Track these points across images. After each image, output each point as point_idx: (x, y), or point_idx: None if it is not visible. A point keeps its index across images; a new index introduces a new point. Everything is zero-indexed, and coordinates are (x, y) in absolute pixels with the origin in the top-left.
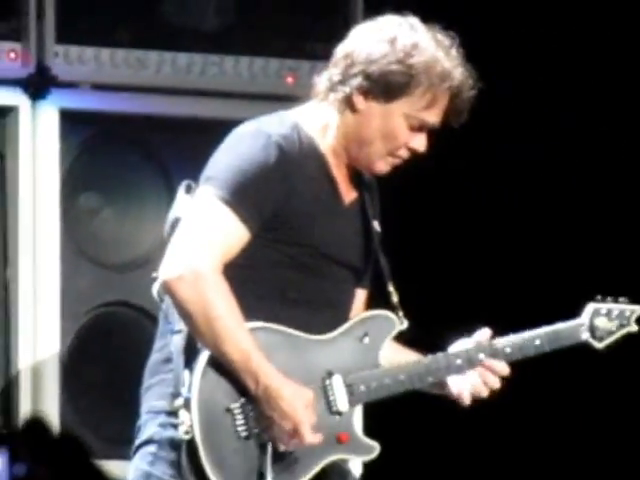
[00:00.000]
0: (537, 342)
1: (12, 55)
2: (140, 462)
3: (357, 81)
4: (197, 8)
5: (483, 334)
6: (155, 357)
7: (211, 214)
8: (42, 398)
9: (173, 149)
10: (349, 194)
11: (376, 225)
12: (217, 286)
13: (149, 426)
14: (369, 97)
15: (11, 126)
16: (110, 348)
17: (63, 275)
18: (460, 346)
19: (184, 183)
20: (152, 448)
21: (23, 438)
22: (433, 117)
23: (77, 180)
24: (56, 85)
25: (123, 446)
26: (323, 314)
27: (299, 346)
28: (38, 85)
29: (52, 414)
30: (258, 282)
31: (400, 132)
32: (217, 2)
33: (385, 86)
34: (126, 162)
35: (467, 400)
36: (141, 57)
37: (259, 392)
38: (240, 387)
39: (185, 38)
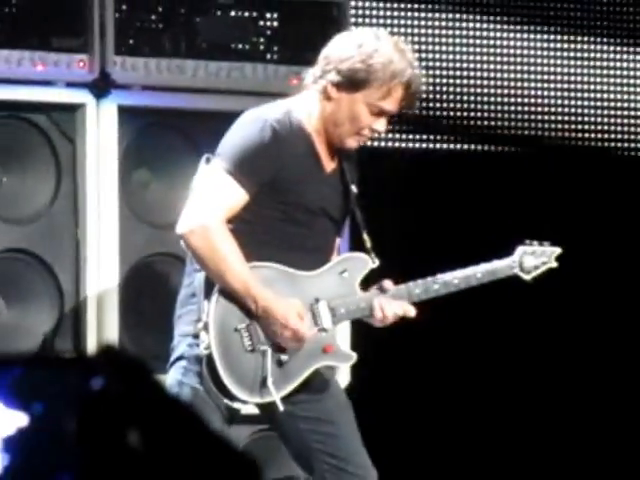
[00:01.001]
0: (479, 275)
1: (81, 64)
2: (174, 373)
3: (331, 76)
4: (224, 27)
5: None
6: (184, 292)
7: (216, 181)
8: (104, 327)
9: (205, 135)
10: (330, 164)
11: (353, 188)
12: (221, 235)
13: (180, 346)
14: (340, 89)
15: (80, 119)
16: (156, 288)
17: (121, 233)
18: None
19: (204, 156)
20: (183, 363)
21: (95, 359)
22: (389, 105)
23: (131, 160)
24: (115, 87)
25: (164, 363)
26: (312, 256)
27: (292, 280)
28: (101, 87)
29: (113, 340)
30: (260, 233)
31: (363, 117)
32: (239, 23)
33: (351, 80)
34: (169, 145)
35: (384, 321)
36: (180, 64)
37: (259, 312)
38: (245, 311)
39: (215, 50)
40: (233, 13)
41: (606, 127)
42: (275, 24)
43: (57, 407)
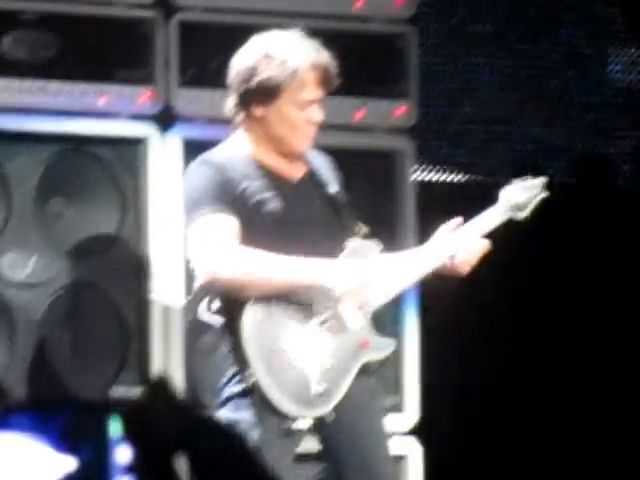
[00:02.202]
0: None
1: (146, 96)
2: (226, 413)
3: (246, 99)
4: None
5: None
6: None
7: (202, 230)
8: (170, 362)
9: None
10: (296, 173)
11: (333, 187)
12: (241, 257)
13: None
14: (260, 105)
15: (144, 152)
16: None
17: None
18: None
19: None
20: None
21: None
22: (311, 94)
23: None
24: (179, 119)
25: None
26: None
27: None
28: (165, 120)
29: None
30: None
31: (293, 115)
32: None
33: (264, 94)
34: None
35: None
36: None
37: (320, 289)
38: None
39: None
40: None
41: None
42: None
43: (106, 451)
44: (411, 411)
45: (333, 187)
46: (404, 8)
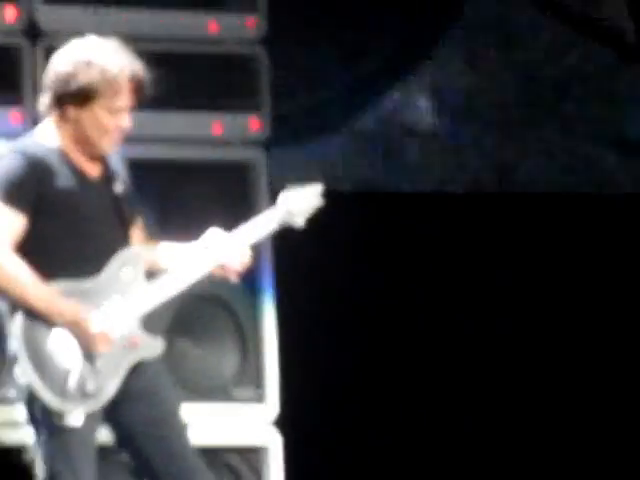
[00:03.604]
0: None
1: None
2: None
3: (61, 99)
4: None
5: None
6: None
7: None
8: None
9: None
10: (94, 171)
11: (117, 186)
12: (7, 261)
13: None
14: (74, 107)
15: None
16: None
17: None
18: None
19: None
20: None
21: None
22: (124, 101)
23: None
24: None
25: None
26: (94, 263)
27: (80, 292)
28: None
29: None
30: (47, 252)
31: (105, 120)
32: None
33: (80, 97)
34: None
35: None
36: None
37: (67, 324)
38: (51, 327)
39: None
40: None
41: None
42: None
43: None
44: (272, 402)
45: (117, 184)
46: (255, 29)
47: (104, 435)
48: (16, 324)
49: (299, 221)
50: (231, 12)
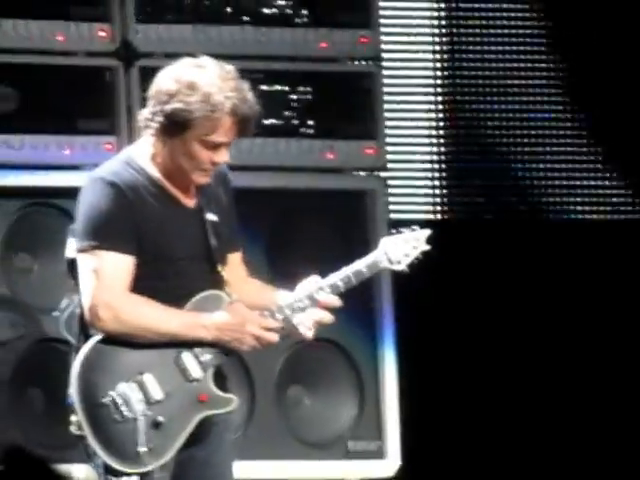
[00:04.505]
0: (352, 277)
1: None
2: None
3: (158, 119)
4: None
5: (314, 278)
6: None
7: (93, 263)
8: None
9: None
10: (191, 200)
11: (210, 216)
12: (128, 304)
13: None
14: (168, 132)
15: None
16: None
17: None
18: (300, 290)
19: (70, 226)
20: None
21: None
22: (221, 137)
23: None
24: None
25: None
26: (180, 303)
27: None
28: None
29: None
30: (144, 292)
31: (199, 153)
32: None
33: (175, 123)
34: None
35: (312, 334)
36: None
37: (212, 334)
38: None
39: None
40: (264, 87)
41: None
42: (308, 97)
43: None
44: (393, 456)
45: (209, 215)
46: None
47: None
48: (72, 374)
49: (399, 268)
50: (344, 28)
